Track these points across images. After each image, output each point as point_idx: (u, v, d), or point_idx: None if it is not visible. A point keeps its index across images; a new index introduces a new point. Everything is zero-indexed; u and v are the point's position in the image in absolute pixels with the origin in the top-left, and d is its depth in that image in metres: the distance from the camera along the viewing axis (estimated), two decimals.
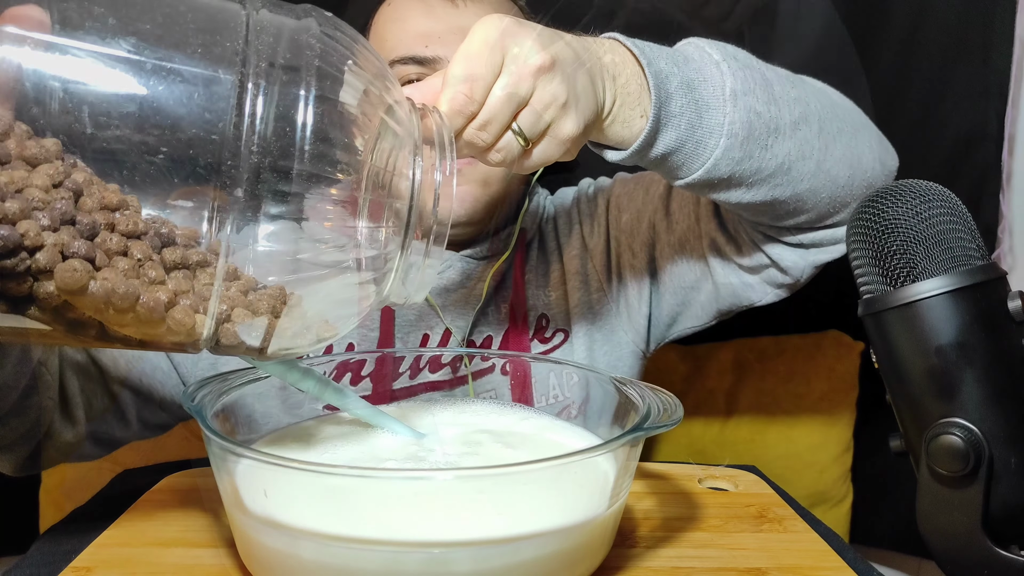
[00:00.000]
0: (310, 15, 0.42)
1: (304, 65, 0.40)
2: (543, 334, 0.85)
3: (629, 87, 0.57)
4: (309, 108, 0.39)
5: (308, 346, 0.44)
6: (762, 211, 0.68)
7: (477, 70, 0.50)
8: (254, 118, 0.38)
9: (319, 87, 0.39)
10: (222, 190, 0.38)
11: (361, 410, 0.55)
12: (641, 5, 1.06)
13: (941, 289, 0.42)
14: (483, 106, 0.51)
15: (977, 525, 0.42)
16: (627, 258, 0.85)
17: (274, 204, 0.38)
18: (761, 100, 0.62)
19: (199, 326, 0.38)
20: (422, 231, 0.44)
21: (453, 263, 0.83)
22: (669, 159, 0.61)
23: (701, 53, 0.62)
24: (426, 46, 0.77)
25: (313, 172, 0.39)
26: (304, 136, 0.39)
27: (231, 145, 0.37)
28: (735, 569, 0.50)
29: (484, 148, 0.52)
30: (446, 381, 0.79)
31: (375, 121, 0.43)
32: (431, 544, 0.41)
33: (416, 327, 0.82)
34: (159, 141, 0.37)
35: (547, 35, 0.52)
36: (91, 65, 0.36)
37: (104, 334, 0.38)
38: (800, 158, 0.64)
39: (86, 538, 0.52)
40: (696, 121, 0.60)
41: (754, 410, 1.18)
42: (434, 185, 0.44)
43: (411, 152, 0.44)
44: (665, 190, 0.83)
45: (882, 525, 1.20)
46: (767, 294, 0.79)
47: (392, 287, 0.45)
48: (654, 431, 0.45)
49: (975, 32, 1.05)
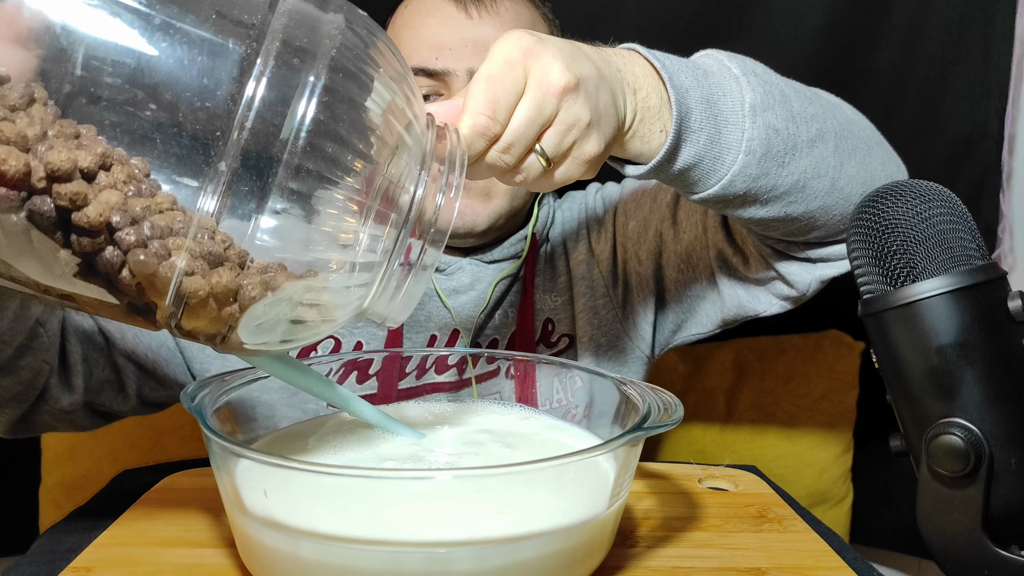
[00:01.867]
0: (340, 10, 0.41)
1: (320, 54, 0.38)
2: (549, 339, 0.85)
3: (649, 101, 0.56)
4: (314, 99, 0.37)
5: (269, 345, 0.41)
6: (773, 227, 0.67)
7: (499, 91, 0.48)
8: (253, 96, 0.36)
9: (330, 79, 0.38)
10: (205, 162, 0.36)
11: (361, 410, 0.55)
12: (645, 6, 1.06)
13: (941, 289, 0.42)
14: (506, 127, 0.49)
15: (977, 525, 0.42)
16: (633, 265, 0.85)
17: (258, 187, 0.37)
18: (780, 116, 0.61)
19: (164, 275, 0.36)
20: (411, 252, 0.43)
21: (463, 266, 0.84)
22: (686, 174, 0.60)
23: (720, 66, 0.61)
24: (436, 58, 0.76)
25: (305, 165, 0.37)
26: (301, 125, 0.37)
27: (223, 118, 0.36)
28: (735, 569, 0.50)
29: (506, 170, 0.51)
30: (452, 383, 0.79)
31: (393, 132, 0.42)
32: (431, 544, 0.41)
33: (424, 327, 0.82)
34: (149, 98, 0.35)
35: (569, 52, 0.51)
36: (98, 9, 0.35)
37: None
38: (815, 176, 0.63)
39: (86, 538, 0.52)
40: (715, 136, 0.59)
41: (754, 410, 1.18)
42: (435, 205, 0.43)
43: (418, 166, 0.43)
44: (672, 199, 0.82)
45: (882, 525, 1.20)
46: (772, 305, 0.79)
47: (372, 301, 0.43)
48: (654, 431, 0.45)
49: (975, 31, 1.05)
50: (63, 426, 0.73)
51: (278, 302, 0.38)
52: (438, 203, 0.43)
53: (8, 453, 1.14)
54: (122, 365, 0.75)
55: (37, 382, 0.66)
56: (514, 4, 0.81)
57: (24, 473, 1.13)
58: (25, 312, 0.61)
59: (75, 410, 0.72)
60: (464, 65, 0.76)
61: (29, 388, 0.66)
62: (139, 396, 0.78)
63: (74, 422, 0.73)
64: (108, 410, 0.76)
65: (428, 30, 0.78)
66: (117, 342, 0.75)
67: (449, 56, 0.76)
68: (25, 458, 1.12)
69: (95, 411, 0.75)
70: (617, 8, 1.06)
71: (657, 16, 1.06)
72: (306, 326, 0.41)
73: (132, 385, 0.76)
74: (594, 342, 0.85)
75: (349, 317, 0.43)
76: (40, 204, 0.34)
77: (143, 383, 0.78)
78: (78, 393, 0.70)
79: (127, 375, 0.76)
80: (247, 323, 0.39)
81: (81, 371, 0.70)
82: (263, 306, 0.38)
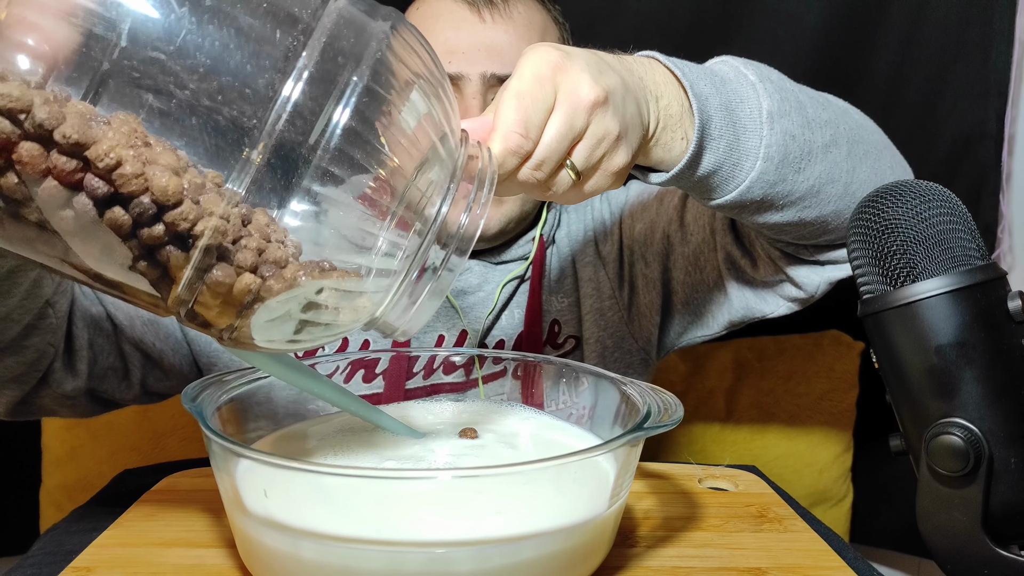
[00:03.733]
0: (389, 18, 0.41)
1: (365, 56, 0.38)
2: (555, 340, 0.85)
3: (671, 109, 0.56)
4: (352, 99, 0.37)
5: (276, 343, 0.41)
6: (786, 231, 0.68)
7: (530, 108, 0.48)
8: (292, 91, 0.36)
9: (371, 82, 0.38)
10: (235, 151, 0.36)
11: (361, 410, 0.55)
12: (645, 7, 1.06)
13: (941, 289, 0.42)
14: (537, 144, 0.49)
15: (977, 524, 0.42)
16: (640, 267, 0.85)
17: (283, 184, 0.36)
18: (796, 123, 0.61)
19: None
20: (429, 265, 0.42)
21: (471, 267, 0.84)
22: (706, 181, 0.60)
23: (737, 73, 0.61)
24: (449, 62, 0.76)
25: (334, 166, 0.37)
26: (336, 126, 0.37)
27: (261, 108, 0.36)
28: (735, 569, 0.50)
29: (537, 185, 0.51)
30: (459, 383, 0.79)
31: (426, 142, 0.41)
32: (431, 544, 0.41)
33: (432, 327, 0.82)
34: (189, 78, 0.35)
35: (595, 65, 0.51)
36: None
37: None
38: (829, 181, 0.64)
39: (86, 538, 0.52)
40: (734, 143, 0.59)
41: (754, 410, 1.18)
42: (460, 222, 0.43)
43: (447, 182, 0.43)
44: (680, 201, 0.83)
45: (882, 525, 1.20)
46: (780, 307, 0.79)
47: (385, 310, 0.43)
48: (654, 431, 0.45)
49: (974, 31, 1.05)
50: (64, 411, 0.73)
51: (294, 298, 0.38)
52: (463, 221, 0.43)
53: (9, 455, 1.14)
54: (128, 353, 0.75)
55: (41, 364, 0.66)
56: (527, 8, 0.81)
57: (25, 475, 1.13)
58: (36, 291, 0.61)
59: (77, 395, 0.72)
60: (477, 69, 0.76)
61: (32, 369, 0.66)
62: (143, 385, 0.78)
63: (75, 407, 0.73)
64: (110, 398, 0.76)
65: (441, 34, 0.77)
66: (126, 329, 0.75)
67: (462, 60, 0.76)
68: (26, 460, 1.12)
69: (97, 398, 0.75)
70: (615, 8, 1.06)
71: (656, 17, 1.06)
72: (316, 329, 0.41)
73: (137, 373, 0.76)
74: (600, 343, 0.85)
75: (360, 324, 0.43)
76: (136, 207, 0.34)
77: (148, 372, 0.78)
78: (81, 378, 0.71)
79: (133, 363, 0.76)
80: (261, 317, 0.39)
81: (86, 356, 0.71)
82: (278, 301, 0.38)
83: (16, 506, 1.14)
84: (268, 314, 0.38)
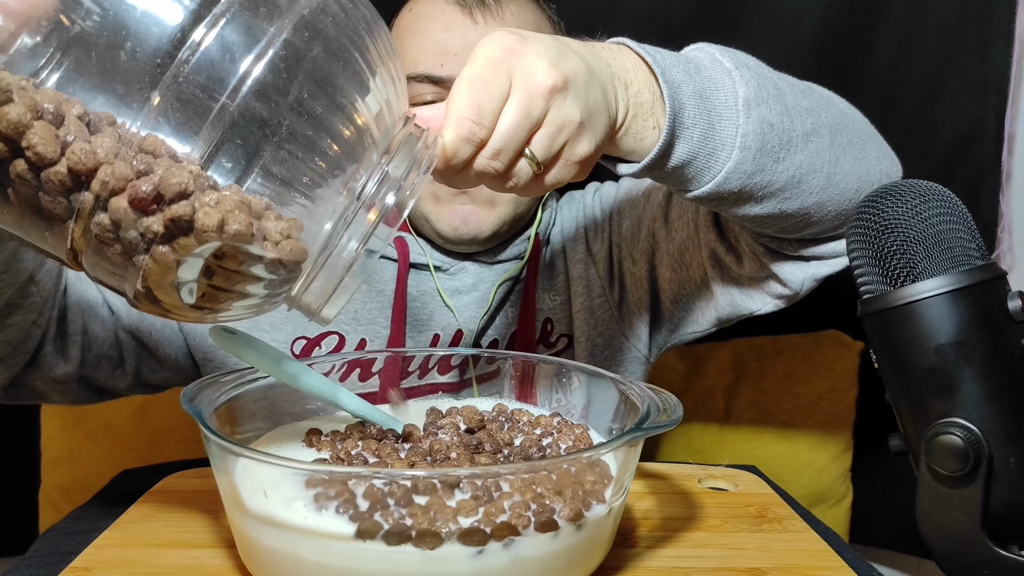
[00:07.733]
0: None
1: (290, 11, 0.37)
2: (548, 338, 0.85)
3: (641, 96, 0.54)
4: (268, 52, 0.36)
5: (187, 284, 0.38)
6: (768, 224, 0.66)
7: (482, 94, 0.46)
8: (206, 35, 0.35)
9: (292, 37, 0.36)
10: (138, 88, 0.34)
11: (357, 407, 0.55)
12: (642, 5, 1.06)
13: (941, 289, 0.42)
14: (492, 132, 0.47)
15: (977, 524, 0.42)
16: (628, 265, 0.85)
17: (189, 134, 0.35)
18: (774, 111, 0.59)
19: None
20: (347, 244, 0.40)
21: (466, 267, 0.84)
22: (680, 172, 0.59)
23: (712, 60, 0.59)
24: (441, 64, 0.76)
25: (243, 121, 0.35)
26: (244, 79, 0.35)
27: (168, 46, 0.34)
28: (735, 569, 0.50)
29: (495, 176, 0.49)
30: (453, 383, 0.79)
31: (359, 115, 0.40)
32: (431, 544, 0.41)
33: (427, 327, 0.82)
34: (101, 15, 0.34)
35: (555, 49, 0.49)
36: None
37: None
38: (811, 171, 0.62)
39: (86, 538, 0.52)
40: (708, 132, 0.57)
41: (753, 410, 1.18)
42: (384, 204, 0.40)
43: (378, 159, 0.41)
44: (664, 198, 0.82)
45: (882, 525, 1.20)
46: (767, 304, 0.78)
47: (300, 288, 0.41)
48: (653, 431, 0.45)
49: (973, 29, 1.05)
50: (56, 396, 0.73)
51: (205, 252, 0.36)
52: (388, 203, 0.40)
53: (7, 456, 1.14)
54: (124, 340, 0.75)
55: (27, 345, 0.66)
56: (519, 8, 0.80)
57: (23, 476, 1.13)
58: (16, 265, 0.59)
59: (69, 381, 0.71)
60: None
61: (17, 350, 0.65)
62: (137, 375, 0.78)
63: (67, 393, 0.73)
64: (103, 385, 0.76)
65: (432, 36, 0.77)
66: (122, 317, 0.75)
67: (454, 62, 0.75)
68: (24, 461, 1.12)
69: (90, 385, 0.75)
70: (614, 7, 1.06)
71: (654, 16, 1.06)
72: (221, 294, 0.39)
73: (131, 362, 0.76)
74: (591, 342, 0.85)
75: (271, 300, 0.41)
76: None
77: (142, 362, 0.78)
78: (73, 364, 0.70)
79: (127, 351, 0.76)
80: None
81: (79, 342, 0.70)
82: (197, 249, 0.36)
83: (14, 507, 1.14)
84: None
